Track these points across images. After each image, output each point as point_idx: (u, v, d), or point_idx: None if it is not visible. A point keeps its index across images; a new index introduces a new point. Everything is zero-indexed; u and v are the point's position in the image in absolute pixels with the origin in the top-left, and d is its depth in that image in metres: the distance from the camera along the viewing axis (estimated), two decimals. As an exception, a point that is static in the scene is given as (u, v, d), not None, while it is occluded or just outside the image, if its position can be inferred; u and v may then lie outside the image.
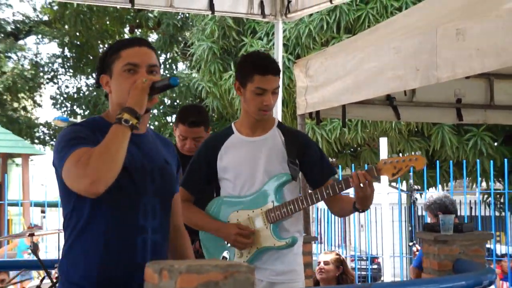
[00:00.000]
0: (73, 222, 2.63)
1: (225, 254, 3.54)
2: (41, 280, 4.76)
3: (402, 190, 12.20)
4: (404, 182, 13.22)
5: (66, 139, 2.57)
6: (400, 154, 11.49)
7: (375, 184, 3.38)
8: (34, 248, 4.69)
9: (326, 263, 5.99)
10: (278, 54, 6.47)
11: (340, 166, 11.93)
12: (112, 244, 2.58)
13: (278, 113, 6.05)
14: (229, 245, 3.54)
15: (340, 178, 3.48)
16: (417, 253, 6.58)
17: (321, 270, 5.96)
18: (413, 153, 3.91)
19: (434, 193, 6.95)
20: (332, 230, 13.77)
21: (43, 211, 16.72)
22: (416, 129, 12.12)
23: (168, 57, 18.30)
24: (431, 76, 4.17)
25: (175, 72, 17.93)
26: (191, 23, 16.71)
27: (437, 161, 10.37)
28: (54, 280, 4.47)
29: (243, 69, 3.55)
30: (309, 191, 3.54)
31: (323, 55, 5.59)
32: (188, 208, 3.60)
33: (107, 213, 2.59)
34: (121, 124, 2.48)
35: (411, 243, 3.98)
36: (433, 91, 5.72)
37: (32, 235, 4.83)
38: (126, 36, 20.60)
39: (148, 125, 2.79)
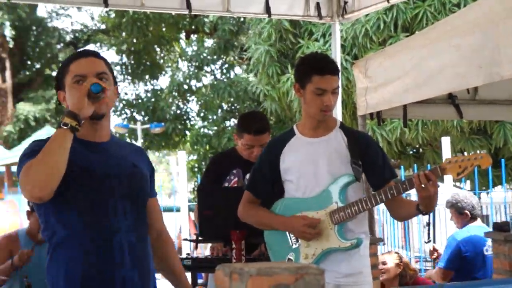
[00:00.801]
0: (49, 233, 2.74)
1: (290, 256, 3.54)
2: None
3: (467, 190, 12.00)
4: (468, 182, 13.00)
5: (23, 154, 2.71)
6: (465, 153, 11.32)
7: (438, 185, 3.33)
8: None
9: (384, 263, 5.93)
10: (336, 55, 6.42)
11: (402, 167, 11.80)
12: (90, 247, 2.67)
13: (338, 114, 6.02)
14: (294, 246, 3.54)
15: (403, 179, 3.45)
16: (436, 253, 6.39)
17: (381, 271, 5.90)
18: (478, 151, 3.83)
19: (460, 191, 6.83)
20: (395, 232, 13.61)
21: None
22: (478, 127, 11.90)
23: (224, 61, 18.39)
24: (494, 74, 4.08)
25: (231, 76, 18.00)
26: (246, 28, 16.76)
27: (502, 160, 10.16)
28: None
29: (302, 71, 3.55)
30: (372, 192, 3.51)
31: (382, 55, 5.54)
32: (253, 208, 3.63)
33: (79, 219, 2.68)
34: (61, 128, 2.59)
35: (427, 240, 3.90)
36: (496, 88, 5.61)
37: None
38: (183, 42, 20.78)
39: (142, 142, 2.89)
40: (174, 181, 27.54)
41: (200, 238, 4.58)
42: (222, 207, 4.26)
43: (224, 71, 18.35)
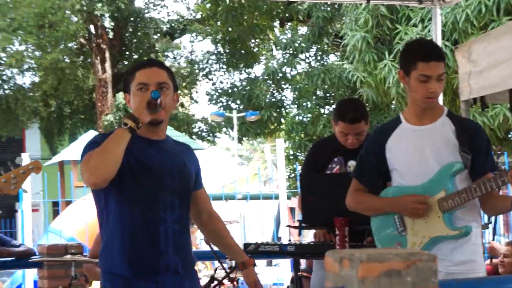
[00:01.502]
0: (103, 219, 3.11)
1: (397, 244, 3.51)
2: (215, 270, 4.91)
3: None
4: None
5: (87, 144, 3.07)
6: None
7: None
8: (207, 239, 4.85)
9: (507, 255, 5.75)
10: (437, 41, 6.30)
11: (506, 153, 11.49)
12: (138, 235, 3.03)
13: (439, 101, 5.91)
14: (401, 234, 3.50)
15: (507, 165, 3.37)
16: None
17: (502, 263, 5.74)
18: None
19: None
20: (497, 219, 13.26)
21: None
22: None
23: (318, 49, 18.30)
24: None
25: (325, 63, 17.90)
26: (341, 14, 16.63)
27: None
28: (228, 270, 4.61)
29: (406, 57, 3.51)
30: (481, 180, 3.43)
31: (486, 39, 5.41)
32: (360, 195, 3.62)
33: (131, 209, 3.03)
34: (121, 127, 2.94)
35: None
36: None
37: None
38: (277, 30, 20.81)
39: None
40: (269, 169, 27.70)
41: (303, 225, 4.60)
42: (325, 194, 4.27)
43: (319, 58, 18.25)
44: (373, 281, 1.98)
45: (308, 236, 6.33)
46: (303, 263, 6.14)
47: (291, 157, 17.91)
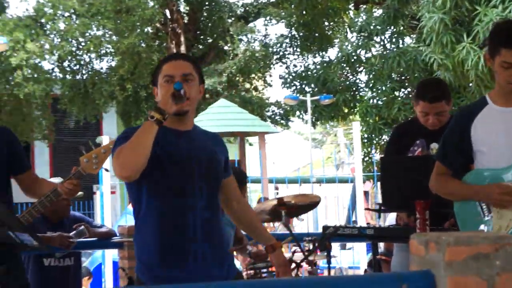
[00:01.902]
0: (137, 209, 3.24)
1: (482, 228, 3.46)
2: (293, 253, 4.93)
3: None
4: None
5: (117, 139, 3.23)
6: None
7: None
8: (286, 222, 4.88)
9: None
10: (520, 21, 6.13)
11: None
12: (168, 223, 3.15)
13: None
14: (486, 218, 3.45)
15: None
16: None
17: None
18: None
19: None
20: None
21: (276, 188, 17.27)
22: None
23: (394, 31, 18.04)
24: None
25: (400, 46, 17.63)
26: (417, -4, 16.36)
27: None
28: (306, 253, 4.63)
29: (491, 41, 3.45)
30: None
31: None
32: (443, 180, 3.58)
33: (160, 199, 3.16)
34: (148, 120, 3.08)
35: None
36: None
37: (283, 208, 5.00)
38: (351, 13, 20.60)
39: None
40: (342, 153, 27.60)
41: (382, 208, 4.58)
42: (406, 177, 4.23)
43: (394, 40, 18.00)
44: (460, 264, 1.97)
45: (387, 220, 6.29)
46: (381, 246, 6.12)
47: (365, 141, 17.76)
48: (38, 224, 5.26)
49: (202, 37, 22.66)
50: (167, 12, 21.18)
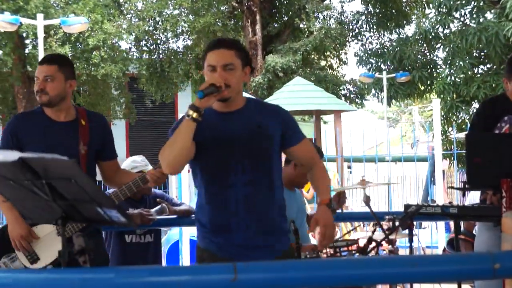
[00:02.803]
0: (196, 181, 3.58)
1: None
2: (373, 232, 4.87)
3: None
4: None
5: (170, 131, 3.48)
6: None
7: None
8: (367, 200, 4.83)
9: None
10: None
11: None
12: (211, 198, 3.48)
13: None
14: None
15: None
16: None
17: None
18: None
19: None
20: None
21: (348, 167, 17.11)
22: None
23: (474, 6, 17.58)
24: None
25: (481, 21, 17.16)
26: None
27: None
28: (387, 232, 4.56)
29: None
30: None
31: None
32: None
33: (206, 176, 3.48)
34: (186, 118, 3.30)
35: None
36: None
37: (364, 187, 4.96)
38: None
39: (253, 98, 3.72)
40: (417, 131, 27.16)
41: (467, 186, 4.47)
42: (492, 155, 4.11)
43: (474, 16, 17.54)
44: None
45: (467, 199, 6.15)
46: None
47: (442, 119, 17.42)
48: (120, 203, 5.34)
49: (277, 15, 22.60)
50: (243, -10, 21.20)
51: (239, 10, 21.46)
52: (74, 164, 2.56)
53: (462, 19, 17.95)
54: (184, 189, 9.02)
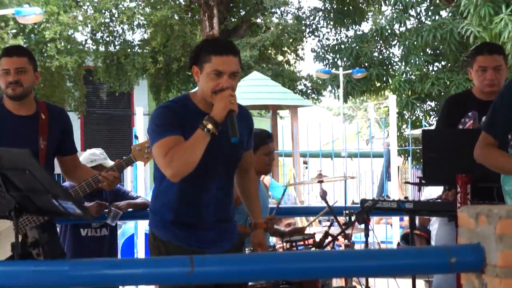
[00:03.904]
0: (159, 179, 3.48)
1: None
2: (329, 226, 4.89)
3: None
4: None
5: (158, 122, 3.38)
6: None
7: None
8: (324, 194, 4.83)
9: None
10: None
11: None
12: (184, 199, 3.44)
13: None
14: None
15: None
16: None
17: None
18: None
19: None
20: None
21: (305, 162, 17.17)
22: None
23: (430, 3, 17.78)
24: None
25: (436, 19, 17.34)
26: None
27: None
28: (343, 227, 4.58)
29: None
30: None
31: None
32: (490, 152, 3.50)
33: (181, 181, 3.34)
34: (204, 131, 3.24)
35: None
36: None
37: (321, 181, 4.97)
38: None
39: None
40: (372, 128, 27.39)
41: (422, 182, 4.50)
42: (448, 150, 4.15)
43: (430, 13, 17.73)
44: (512, 238, 1.91)
45: (422, 195, 6.22)
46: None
47: (397, 116, 17.58)
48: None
49: (235, 9, 22.55)
50: (200, -16, 21.10)
51: (196, 4, 21.35)
52: (28, 154, 2.51)
53: (418, 16, 18.13)
54: (139, 183, 8.95)
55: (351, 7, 20.42)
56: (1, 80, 4.06)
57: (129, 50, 20.74)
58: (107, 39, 20.86)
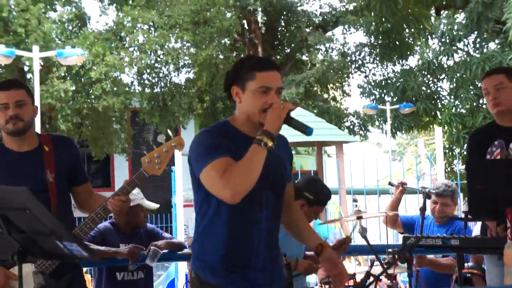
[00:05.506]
0: (204, 210, 3.23)
1: None
2: (371, 266, 4.61)
3: None
4: None
5: (205, 144, 3.14)
6: None
7: None
8: (363, 232, 4.57)
9: None
10: None
11: None
12: (235, 232, 3.17)
13: None
14: None
15: None
16: None
17: None
18: None
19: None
20: None
21: (354, 200, 16.85)
22: None
23: (477, 36, 17.44)
24: None
25: (484, 51, 16.98)
26: (502, -1, 15.75)
27: None
28: (385, 266, 4.30)
29: None
30: None
31: None
32: None
33: (230, 209, 3.12)
34: (260, 146, 3.03)
35: None
36: None
37: (360, 218, 4.71)
38: (432, 19, 20.06)
39: None
40: (423, 164, 26.89)
41: (469, 217, 4.21)
42: (495, 182, 3.86)
43: (477, 46, 17.38)
44: None
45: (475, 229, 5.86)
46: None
47: (447, 151, 17.14)
48: (110, 236, 5.11)
49: (279, 47, 22.55)
50: (245, 23, 21.13)
51: (241, 42, 21.39)
52: (27, 192, 2.32)
53: (465, 49, 17.79)
54: (179, 223, 8.83)
55: (397, 42, 20.18)
56: None
57: (174, 89, 20.78)
58: (153, 80, 20.97)
